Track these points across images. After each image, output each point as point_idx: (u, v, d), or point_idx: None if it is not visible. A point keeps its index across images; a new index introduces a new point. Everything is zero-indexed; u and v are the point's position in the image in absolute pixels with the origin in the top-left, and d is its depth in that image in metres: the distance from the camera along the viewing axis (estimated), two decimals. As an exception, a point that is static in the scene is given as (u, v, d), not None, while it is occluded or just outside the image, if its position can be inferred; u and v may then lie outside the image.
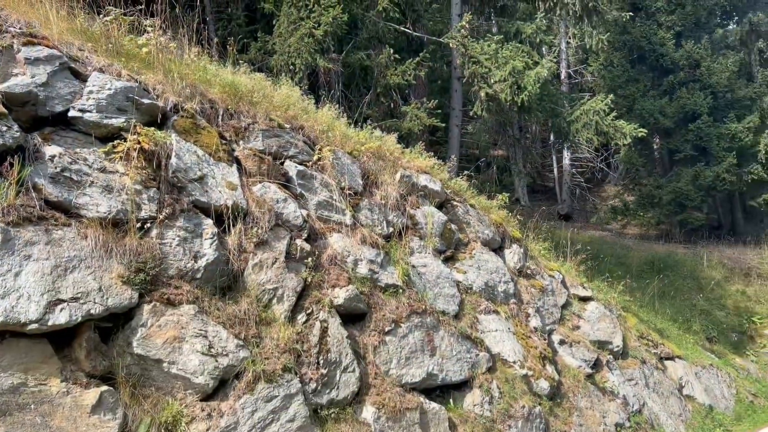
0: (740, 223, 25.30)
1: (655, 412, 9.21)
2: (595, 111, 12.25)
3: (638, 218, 24.16)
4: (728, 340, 15.65)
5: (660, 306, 14.66)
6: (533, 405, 6.97)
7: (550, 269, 9.78)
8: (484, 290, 7.85)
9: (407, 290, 6.62)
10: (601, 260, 14.90)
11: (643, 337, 10.77)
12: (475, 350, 6.89)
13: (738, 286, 18.43)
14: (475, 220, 8.60)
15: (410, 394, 5.85)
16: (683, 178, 21.47)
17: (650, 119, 20.97)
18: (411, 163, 8.05)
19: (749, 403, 12.24)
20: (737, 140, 21.14)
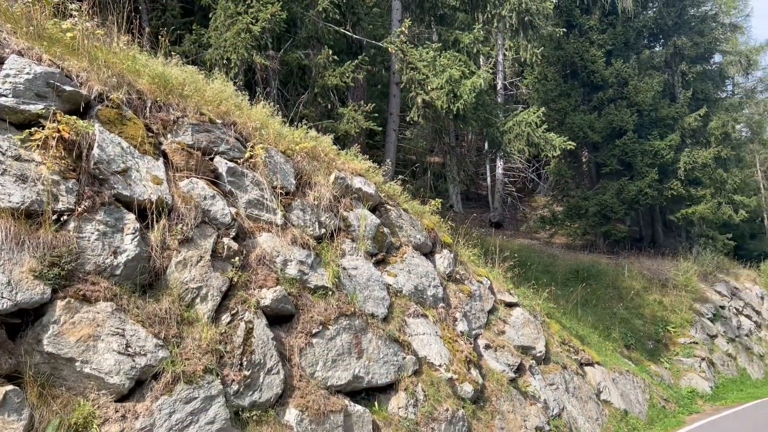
0: (660, 235, 26.60)
1: (574, 416, 9.53)
2: (527, 122, 12.60)
3: (565, 228, 24.98)
4: (645, 348, 16.39)
5: (582, 313, 15.20)
6: (457, 408, 7.07)
7: (478, 275, 9.97)
8: (413, 294, 7.92)
9: (337, 292, 6.59)
10: (529, 268, 15.32)
11: (565, 343, 11.13)
12: (402, 353, 6.93)
13: (655, 295, 19.36)
14: (408, 225, 8.67)
15: (335, 396, 5.82)
16: (609, 191, 22.37)
17: (580, 133, 21.74)
18: (346, 165, 8.03)
19: (661, 408, 12.86)
20: (659, 157, 22.21)
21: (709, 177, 24.30)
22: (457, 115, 11.26)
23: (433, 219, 9.58)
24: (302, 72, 10.54)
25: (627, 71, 22.44)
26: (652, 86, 22.37)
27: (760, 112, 37.87)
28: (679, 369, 16.29)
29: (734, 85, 36.07)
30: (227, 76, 8.13)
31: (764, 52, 35.58)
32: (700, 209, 23.51)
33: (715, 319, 20.07)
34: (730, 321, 21.02)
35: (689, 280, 20.94)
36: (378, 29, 13.86)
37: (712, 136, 24.82)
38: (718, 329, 19.60)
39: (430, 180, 22.50)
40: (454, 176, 21.58)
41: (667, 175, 22.98)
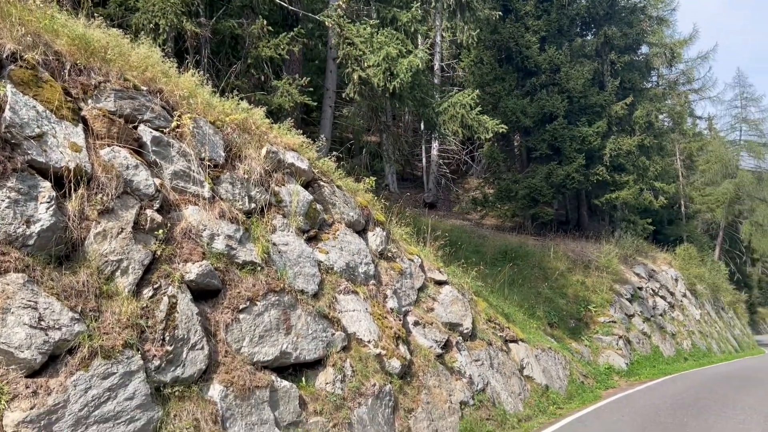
0: (585, 219, 27.64)
1: (498, 391, 9.84)
2: (462, 104, 12.74)
3: (496, 210, 25.58)
4: (567, 326, 17.08)
5: (509, 292, 15.65)
6: (384, 383, 7.16)
7: (410, 253, 10.07)
8: (345, 271, 7.92)
9: (266, 268, 6.50)
10: (459, 247, 15.60)
11: (492, 320, 11.44)
12: (332, 329, 6.93)
13: (579, 276, 20.17)
14: (341, 202, 8.63)
15: (262, 372, 5.77)
16: (538, 175, 23.01)
17: (513, 117, 22.20)
18: (279, 139, 7.88)
19: (580, 384, 13.46)
20: (587, 143, 23.00)
21: (633, 164, 25.39)
22: (394, 93, 11.24)
23: (367, 197, 9.57)
24: (235, 42, 10.23)
25: (560, 58, 23.01)
26: (583, 74, 23.04)
27: (681, 104, 39.77)
28: (598, 346, 17.09)
29: (659, 76, 37.65)
30: (155, 43, 7.78)
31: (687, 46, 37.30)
32: (623, 194, 24.56)
33: (633, 300, 21.13)
34: (646, 301, 22.19)
35: (610, 262, 21.92)
36: (315, 2, 13.61)
37: (637, 124, 25.88)
38: (635, 309, 20.65)
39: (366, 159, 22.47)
40: (390, 156, 21.63)
41: (593, 160, 23.83)
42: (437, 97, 14.12)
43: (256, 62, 10.06)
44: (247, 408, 5.39)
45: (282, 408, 5.75)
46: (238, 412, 5.30)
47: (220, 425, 5.08)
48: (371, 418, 6.69)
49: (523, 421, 9.80)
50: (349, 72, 11.04)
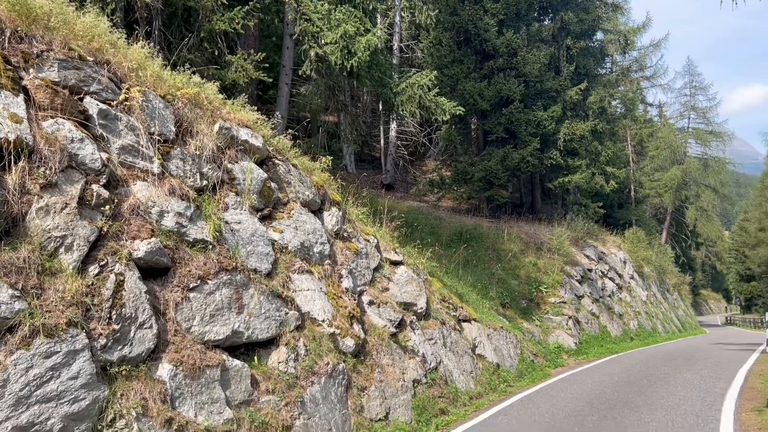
0: (539, 202, 28.17)
1: (450, 369, 9.99)
2: (420, 85, 12.73)
3: (452, 192, 25.82)
4: (519, 306, 17.43)
5: (463, 273, 15.86)
6: (338, 362, 7.18)
7: (366, 233, 10.06)
8: (299, 250, 7.86)
9: (218, 246, 6.40)
10: (416, 229, 15.69)
11: (446, 300, 11.57)
12: (285, 309, 6.89)
13: (531, 258, 20.57)
14: (297, 180, 8.54)
15: (212, 351, 5.70)
16: (494, 158, 23.29)
17: (470, 100, 22.35)
18: (232, 115, 7.72)
19: (530, 362, 13.79)
20: (542, 127, 23.36)
21: (586, 148, 25.94)
22: (351, 72, 11.14)
23: (323, 176, 9.50)
24: (188, 14, 9.93)
25: (517, 42, 23.20)
26: (540, 58, 23.31)
27: (633, 90, 40.71)
28: (548, 326, 17.51)
29: (612, 62, 38.43)
30: (102, 12, 7.49)
31: (640, 34, 38.08)
32: (576, 178, 25.11)
33: (583, 281, 21.70)
34: (595, 283, 22.82)
35: (562, 244, 22.42)
36: (272, -24, 13.29)
37: (591, 109, 26.40)
38: (584, 290, 21.22)
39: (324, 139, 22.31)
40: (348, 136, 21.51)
41: (548, 144, 24.24)
42: (395, 77, 14.06)
43: (209, 36, 9.81)
44: (198, 387, 5.32)
45: (233, 387, 5.70)
46: (188, 391, 5.23)
47: (169, 404, 5.00)
48: (324, 396, 6.70)
49: (474, 398, 9.98)
50: (306, 49, 10.89)
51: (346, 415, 6.97)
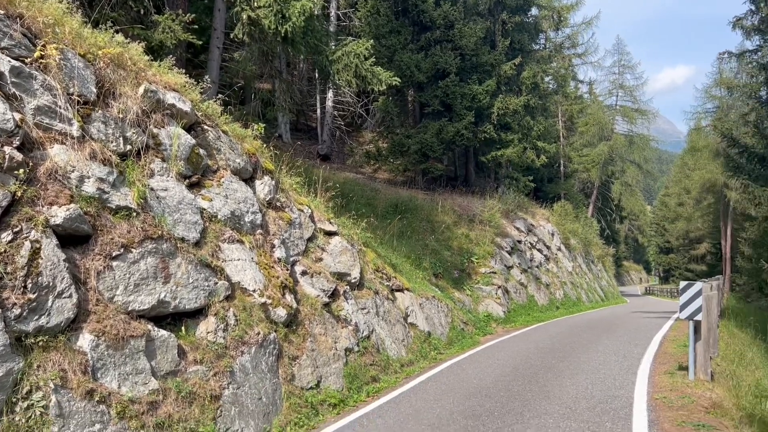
0: (472, 175, 28.65)
1: (382, 337, 10.12)
2: (356, 54, 12.59)
3: (389, 164, 25.89)
4: (451, 276, 17.79)
5: (398, 244, 16.01)
6: (269, 332, 7.13)
7: (300, 203, 9.96)
8: (230, 219, 7.70)
9: (143, 214, 6.17)
10: (351, 200, 15.68)
11: (379, 270, 11.66)
12: (214, 278, 6.76)
13: (463, 230, 20.97)
14: (227, 148, 8.32)
15: (137, 321, 5.53)
16: (429, 130, 23.44)
17: (407, 72, 22.31)
18: (159, 77, 7.40)
19: (460, 330, 14.14)
20: (477, 101, 23.64)
21: (518, 123, 26.46)
22: (286, 38, 10.87)
23: (256, 144, 9.29)
24: (111, -30, 9.40)
25: (454, 14, 23.25)
26: (476, 32, 23.47)
27: (565, 67, 41.73)
28: (478, 296, 17.97)
29: (546, 39, 39.16)
30: (15, -38, 6.94)
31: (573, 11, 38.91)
32: (508, 152, 25.63)
33: (513, 252, 22.33)
34: (524, 254, 23.53)
35: (493, 216, 22.95)
36: (203, -66, 12.75)
37: (524, 85, 26.88)
38: (514, 261, 21.86)
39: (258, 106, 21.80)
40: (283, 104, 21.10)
41: (482, 118, 24.57)
42: (332, 45, 13.84)
43: (135, -6, 9.32)
44: (121, 358, 5.17)
45: (159, 357, 5.57)
46: (111, 362, 5.07)
47: (90, 375, 4.84)
48: (254, 366, 6.65)
49: (405, 366, 10.17)
50: (238, 11, 10.53)
51: (277, 384, 6.96)
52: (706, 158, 47.96)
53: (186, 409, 5.53)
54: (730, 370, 10.20)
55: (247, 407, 6.29)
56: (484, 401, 7.52)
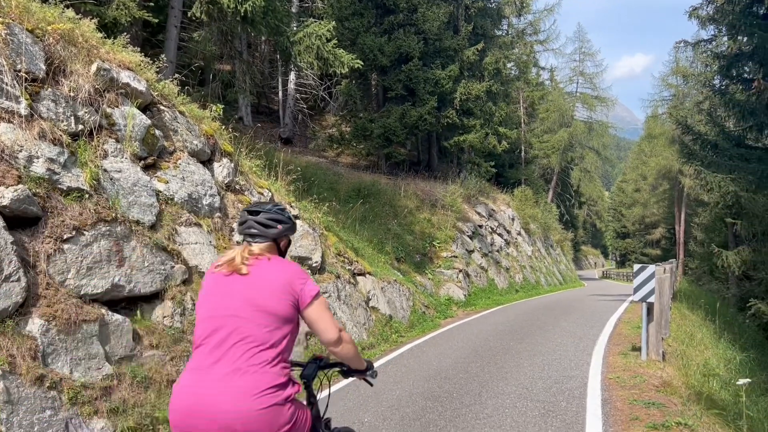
0: (435, 160, 28.76)
1: (344, 321, 10.13)
2: (318, 35, 12.43)
3: (352, 148, 25.79)
4: (413, 261, 17.90)
5: (360, 228, 16.00)
6: (227, 316, 7.04)
7: (260, 186, 9.84)
8: (187, 202, 7.56)
9: (96, 196, 6.00)
10: (313, 183, 15.59)
11: (341, 254, 11.65)
12: (171, 262, 6.64)
13: (426, 214, 21.09)
14: (185, 129, 8.14)
15: (90, 305, 5.40)
16: (393, 115, 23.39)
17: (370, 55, 22.17)
18: (112, 55, 7.17)
19: (422, 314, 14.27)
20: (440, 86, 23.66)
21: (481, 109, 26.62)
22: (245, 17, 10.66)
23: (214, 125, 9.11)
24: (61, -58, 9.02)
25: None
26: (439, 16, 23.43)
27: (527, 53, 42.10)
28: (440, 279, 18.15)
29: (509, 25, 39.41)
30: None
31: (536, -1, 39.14)
32: (471, 138, 25.79)
33: (474, 237, 22.58)
34: (485, 238, 23.82)
35: (455, 201, 23.13)
36: None
37: (486, 70, 27.01)
38: (475, 245, 22.11)
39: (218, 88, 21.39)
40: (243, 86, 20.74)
41: (445, 103, 24.63)
42: (293, 26, 13.63)
43: (86, -32, 8.99)
44: (73, 343, 5.04)
45: (113, 342, 5.46)
46: (62, 347, 4.94)
47: (41, 361, 4.71)
48: (212, 350, 6.58)
49: (366, 349, 10.21)
50: (196, -11, 10.26)
51: (236, 368, 6.89)
52: (662, 145, 49.22)
53: (141, 394, 5.44)
54: (680, 350, 10.56)
55: (205, 392, 6.22)
56: (443, 383, 7.62)
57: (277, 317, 2.49)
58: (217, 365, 2.37)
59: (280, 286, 2.53)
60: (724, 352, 12.86)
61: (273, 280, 2.54)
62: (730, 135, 17.72)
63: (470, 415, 6.15)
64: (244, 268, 2.56)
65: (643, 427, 5.61)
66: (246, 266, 2.57)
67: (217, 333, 2.44)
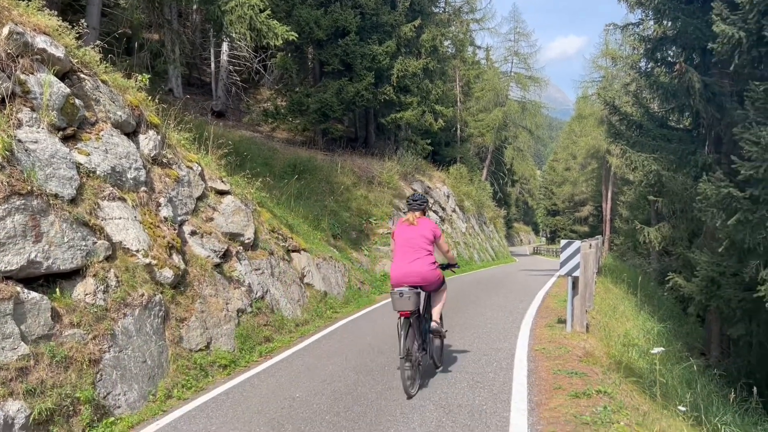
0: (372, 137, 28.69)
1: (277, 298, 10.04)
2: (250, 5, 12.04)
3: (287, 123, 25.38)
4: (349, 237, 17.89)
5: (295, 205, 15.84)
6: (154, 293, 6.84)
7: (189, 160, 9.54)
8: (110, 175, 7.23)
9: (9, 168, 5.65)
10: (246, 158, 15.27)
11: (275, 231, 11.49)
12: (93, 238, 6.36)
13: (362, 191, 21.08)
14: (107, 99, 7.76)
15: (4, 283, 5.11)
16: (329, 90, 23.12)
17: (306, 28, 21.77)
18: (26, 18, 6.72)
19: (357, 289, 14.32)
20: (377, 62, 23.52)
21: (417, 86, 26.67)
22: (173, -17, 10.20)
23: (139, 96, 8.72)
24: None
25: (354, -29, 22.81)
26: (376, -10, 23.19)
27: (463, 32, 42.40)
28: (376, 256, 18.24)
29: (446, 2, 39.49)
30: None
31: (473, -24, 39.39)
32: (407, 115, 25.84)
33: (410, 213, 22.73)
34: (421, 215, 24.01)
35: (392, 178, 23.22)
36: None
37: (423, 47, 27.02)
38: (411, 222, 22.26)
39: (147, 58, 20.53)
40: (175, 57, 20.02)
41: (382, 80, 24.53)
42: (225, -5, 13.14)
43: (-3, -77, 8.31)
44: (-16, 323, 4.77)
45: (30, 321, 5.20)
46: (-28, 328, 4.67)
47: (-53, 343, 4.44)
48: (138, 328, 6.38)
49: (300, 325, 10.18)
50: (119, -48, 9.71)
51: (163, 347, 6.73)
52: (592, 125, 50.90)
53: (61, 375, 5.23)
54: (603, 322, 11.04)
55: (130, 370, 6.04)
56: (376, 357, 7.68)
57: (428, 241, 6.25)
58: (407, 257, 6.16)
59: (429, 230, 6.33)
60: (643, 323, 13.55)
61: (426, 227, 6.33)
62: (654, 116, 18.47)
63: (402, 388, 6.23)
64: (415, 222, 6.39)
65: (565, 396, 5.84)
66: (415, 221, 6.40)
67: (405, 246, 6.22)
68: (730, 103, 13.87)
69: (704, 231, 15.69)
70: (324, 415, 5.46)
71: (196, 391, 6.61)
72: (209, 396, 6.35)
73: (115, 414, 5.66)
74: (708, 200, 11.03)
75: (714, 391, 10.07)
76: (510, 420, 5.17)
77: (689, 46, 15.87)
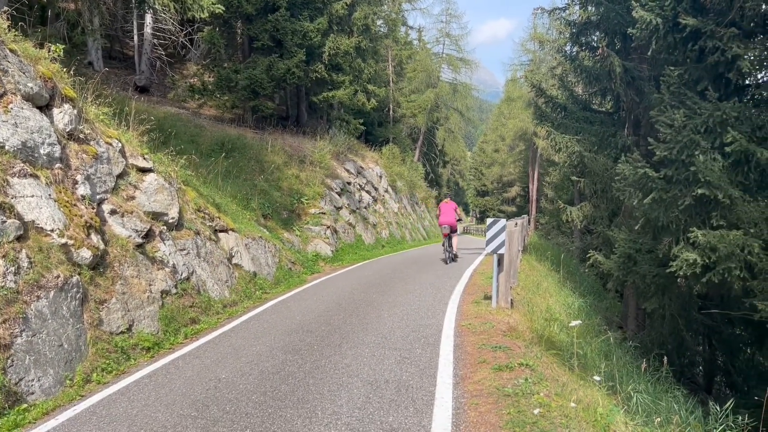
0: (304, 115, 28.32)
1: (203, 279, 9.81)
2: (174, -25, 11.57)
3: (215, 100, 24.67)
4: (280, 217, 17.67)
5: (224, 184, 15.48)
6: (71, 275, 6.54)
7: (108, 136, 9.11)
8: (21, 151, 6.83)
9: None
10: (171, 135, 14.75)
11: (201, 210, 11.20)
12: (2, 217, 6.00)
13: (294, 170, 20.82)
14: (17, 69, 7.29)
15: None
16: (259, 66, 22.59)
17: (235, 1, 21.13)
18: None
19: (288, 270, 14.19)
20: (308, 39, 23.13)
21: (350, 65, 26.45)
22: (89, -51, 9.63)
23: (53, 67, 8.24)
24: None
25: (285, -56, 22.27)
26: (307, -34, 22.73)
27: (396, 11, 42.31)
28: (307, 236, 18.11)
29: (378, -19, 39.20)
30: None
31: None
32: (340, 94, 25.63)
33: (342, 193, 22.69)
34: (353, 195, 24.04)
35: (324, 158, 23.04)
36: None
37: (356, 26, 26.79)
38: (343, 202, 22.25)
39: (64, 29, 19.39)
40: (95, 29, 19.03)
41: (313, 57, 24.18)
42: (146, -36, 12.56)
43: None
44: None
45: (-70, 306, 4.87)
46: None
47: None
48: (53, 311, 6.10)
49: (228, 306, 10.01)
50: None
51: (81, 330, 6.46)
52: (520, 108, 52.09)
53: (-33, 362, 4.93)
54: (527, 298, 11.41)
55: (45, 355, 5.77)
56: (305, 336, 7.66)
57: (456, 213, 16.18)
58: (448, 216, 16.06)
59: (454, 205, 16.34)
60: (565, 298, 14.09)
61: (453, 204, 16.35)
62: (578, 99, 19.08)
63: (329, 365, 6.25)
64: (449, 202, 16.46)
65: (489, 369, 6.02)
66: (449, 201, 16.50)
67: (447, 210, 16.19)
68: (648, 87, 14.47)
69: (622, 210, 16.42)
70: (251, 395, 5.41)
71: (117, 375, 6.40)
72: (131, 379, 6.17)
73: (29, 400, 5.41)
74: (626, 180, 11.51)
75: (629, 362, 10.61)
76: (435, 394, 5.29)
77: (611, 32, 16.40)
